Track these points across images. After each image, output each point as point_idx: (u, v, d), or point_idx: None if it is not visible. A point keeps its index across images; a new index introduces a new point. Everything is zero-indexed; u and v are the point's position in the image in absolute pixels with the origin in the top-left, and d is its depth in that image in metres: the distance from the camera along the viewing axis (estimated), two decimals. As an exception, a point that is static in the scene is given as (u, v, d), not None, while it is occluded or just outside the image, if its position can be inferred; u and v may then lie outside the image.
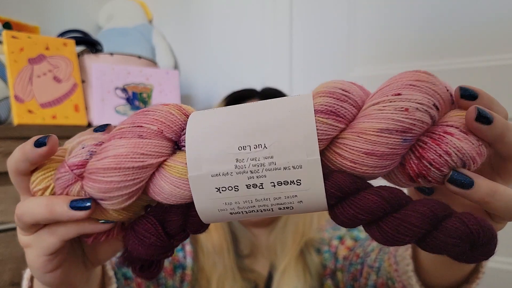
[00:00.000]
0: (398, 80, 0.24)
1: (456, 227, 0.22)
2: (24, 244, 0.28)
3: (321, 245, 0.68)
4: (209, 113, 0.26)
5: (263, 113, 0.24)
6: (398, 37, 0.82)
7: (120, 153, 0.24)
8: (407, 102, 0.23)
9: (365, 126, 0.23)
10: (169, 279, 0.61)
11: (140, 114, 0.26)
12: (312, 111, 0.24)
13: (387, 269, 0.47)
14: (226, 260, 0.64)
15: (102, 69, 0.86)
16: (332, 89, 0.24)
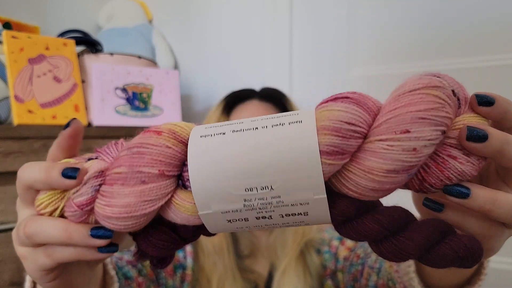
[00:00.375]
0: (406, 107, 0.22)
1: (446, 254, 0.24)
2: (20, 255, 0.28)
3: (321, 245, 0.68)
4: (210, 143, 0.25)
5: (267, 151, 0.24)
6: (398, 37, 0.82)
7: (128, 203, 0.24)
8: (416, 142, 0.22)
9: (371, 165, 0.23)
10: (170, 279, 0.61)
11: (136, 154, 0.25)
12: (318, 154, 0.23)
13: (388, 270, 0.47)
14: (226, 261, 0.64)
15: (102, 69, 0.86)
16: (337, 125, 0.23)
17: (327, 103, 0.24)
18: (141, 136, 0.25)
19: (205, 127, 0.26)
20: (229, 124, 0.25)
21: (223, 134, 0.25)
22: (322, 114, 0.24)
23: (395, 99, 0.23)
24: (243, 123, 0.25)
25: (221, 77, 1.09)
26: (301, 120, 0.24)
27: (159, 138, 0.25)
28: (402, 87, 0.24)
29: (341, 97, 0.24)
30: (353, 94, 0.24)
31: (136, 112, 0.91)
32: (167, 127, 0.26)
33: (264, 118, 0.25)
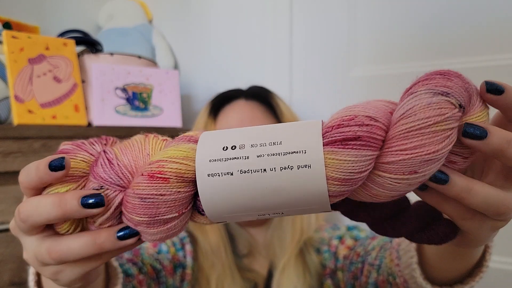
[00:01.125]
0: (416, 150, 0.23)
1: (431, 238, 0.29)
2: (52, 273, 0.28)
3: (321, 245, 0.68)
4: (218, 185, 0.25)
5: (277, 195, 0.25)
6: (398, 37, 0.82)
7: (159, 238, 0.27)
8: (422, 178, 0.24)
9: (378, 193, 0.25)
10: (170, 278, 0.61)
11: (151, 205, 0.25)
12: (327, 198, 0.25)
13: (388, 265, 0.47)
14: (224, 260, 0.64)
15: (102, 69, 0.86)
16: (347, 176, 0.24)
17: (337, 148, 0.24)
18: (149, 184, 0.25)
19: (208, 158, 0.26)
20: (234, 158, 0.25)
21: (231, 174, 0.25)
22: (331, 162, 0.24)
23: (404, 136, 0.23)
24: (248, 158, 0.25)
25: (221, 77, 1.09)
26: (310, 165, 0.24)
27: (168, 186, 0.25)
28: (411, 114, 0.23)
29: (351, 137, 0.23)
30: (363, 129, 0.24)
31: (136, 112, 0.91)
32: (172, 169, 0.25)
33: (270, 154, 0.25)
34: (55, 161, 0.25)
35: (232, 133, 0.27)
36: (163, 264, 0.60)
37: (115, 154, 0.27)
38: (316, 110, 0.91)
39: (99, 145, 0.29)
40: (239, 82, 0.78)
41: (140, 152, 0.28)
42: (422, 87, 0.24)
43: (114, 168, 0.26)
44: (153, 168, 0.25)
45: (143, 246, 0.62)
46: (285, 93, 0.93)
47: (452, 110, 0.23)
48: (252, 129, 0.27)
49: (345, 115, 0.25)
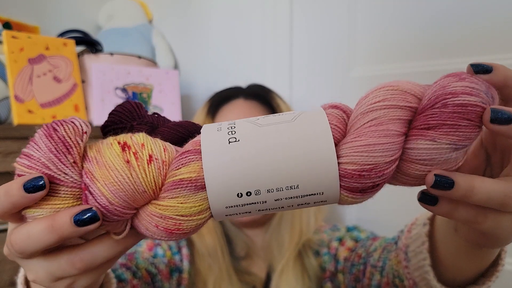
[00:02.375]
0: None
1: None
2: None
3: (320, 247, 0.67)
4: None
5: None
6: (398, 37, 0.82)
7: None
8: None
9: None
10: (166, 282, 0.60)
11: (171, 234, 0.26)
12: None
13: (394, 267, 0.46)
14: (221, 263, 0.63)
15: (102, 69, 0.86)
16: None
17: (354, 194, 0.26)
18: (169, 237, 0.26)
19: (225, 205, 0.26)
20: (251, 203, 0.26)
21: (249, 213, 0.27)
22: (346, 200, 0.27)
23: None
24: (266, 202, 0.26)
25: (221, 77, 1.09)
26: (326, 200, 0.27)
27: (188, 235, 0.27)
28: (428, 165, 0.26)
29: (370, 186, 0.26)
30: (381, 178, 0.25)
31: (136, 112, 0.91)
32: (190, 226, 0.26)
33: (288, 197, 0.26)
34: (30, 182, 0.23)
35: (246, 182, 0.25)
36: (159, 268, 0.59)
37: (105, 197, 0.24)
38: (316, 110, 0.91)
39: (67, 165, 0.24)
40: (239, 82, 0.78)
41: (135, 192, 0.25)
42: (444, 138, 0.25)
43: (113, 212, 0.25)
44: (169, 225, 0.25)
45: (138, 250, 0.61)
46: (285, 93, 0.93)
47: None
48: (263, 166, 0.25)
49: (366, 163, 0.25)
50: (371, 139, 0.24)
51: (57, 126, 0.25)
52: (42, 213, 0.24)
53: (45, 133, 0.24)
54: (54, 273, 0.26)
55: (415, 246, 0.41)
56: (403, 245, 0.44)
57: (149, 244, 0.63)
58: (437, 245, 0.39)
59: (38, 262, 0.26)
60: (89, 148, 0.25)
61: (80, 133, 0.25)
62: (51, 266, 0.26)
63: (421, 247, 0.40)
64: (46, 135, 0.24)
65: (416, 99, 0.26)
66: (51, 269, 0.26)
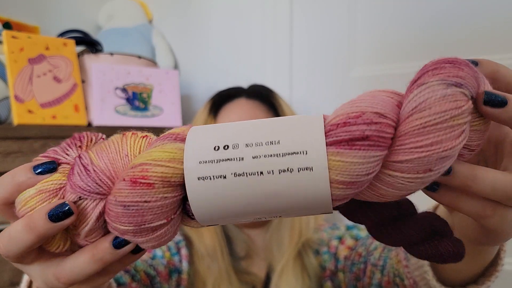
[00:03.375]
0: (432, 147, 0.21)
1: (428, 253, 0.26)
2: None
3: (320, 246, 0.67)
4: (210, 189, 0.23)
5: (276, 200, 0.23)
6: (398, 37, 0.82)
7: (152, 246, 0.25)
8: (435, 176, 0.22)
9: (387, 193, 0.23)
10: (165, 284, 0.60)
11: (135, 213, 0.23)
12: (330, 203, 0.23)
13: (395, 266, 0.46)
14: (221, 263, 0.63)
15: (102, 69, 0.86)
16: (354, 179, 0.22)
17: (342, 149, 0.22)
18: (131, 191, 0.23)
19: (198, 160, 0.23)
20: (227, 160, 0.23)
21: (224, 177, 0.22)
22: (336, 164, 0.22)
23: (419, 132, 0.21)
24: (243, 159, 0.22)
25: (221, 77, 1.09)
26: (312, 167, 0.22)
27: (153, 192, 0.23)
28: (425, 108, 0.21)
29: (359, 137, 0.21)
30: (371, 128, 0.21)
31: (136, 112, 0.91)
32: (157, 173, 0.23)
33: (267, 155, 0.22)
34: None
35: (224, 129, 0.24)
36: (158, 270, 0.59)
37: (90, 159, 0.24)
38: (316, 110, 0.91)
39: (73, 149, 0.26)
40: (239, 82, 0.78)
41: (118, 154, 0.25)
42: (433, 78, 0.22)
43: (91, 174, 0.24)
44: (136, 172, 0.23)
45: None
46: (285, 93, 0.93)
47: (467, 102, 0.21)
48: (246, 124, 0.24)
49: (351, 112, 0.22)
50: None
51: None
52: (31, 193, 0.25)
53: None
54: (48, 283, 0.26)
55: None
56: None
57: None
58: None
59: (35, 269, 0.26)
60: None
61: None
62: (44, 276, 0.26)
63: None
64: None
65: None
66: (44, 279, 0.26)
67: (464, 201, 0.25)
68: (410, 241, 0.26)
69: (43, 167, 0.25)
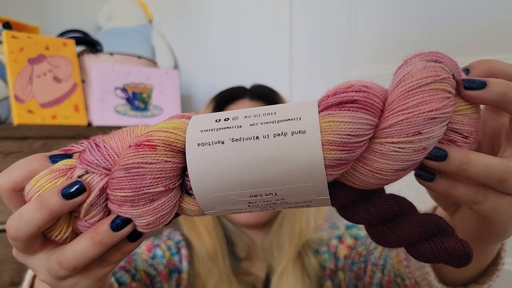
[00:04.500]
0: (418, 107, 0.22)
1: (426, 253, 0.26)
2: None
3: (320, 246, 0.67)
4: (209, 154, 0.24)
5: (271, 164, 0.23)
6: (398, 37, 0.82)
7: (147, 222, 0.25)
8: (427, 142, 0.23)
9: (381, 166, 0.24)
10: (165, 283, 0.60)
11: (135, 176, 0.24)
12: (323, 168, 0.23)
13: (396, 266, 0.46)
14: (221, 267, 0.63)
15: (102, 69, 0.86)
16: (344, 139, 0.23)
17: (333, 111, 0.23)
18: (135, 153, 0.24)
19: (200, 129, 0.25)
20: (226, 128, 0.24)
21: (222, 143, 0.24)
22: (327, 125, 0.23)
23: (404, 96, 0.23)
24: (241, 127, 0.24)
25: (221, 77, 1.09)
26: (305, 130, 0.23)
27: (155, 154, 0.24)
28: (409, 77, 0.23)
29: (347, 100, 0.23)
30: (359, 94, 0.23)
31: (136, 112, 0.91)
32: (160, 137, 0.24)
33: (264, 122, 0.24)
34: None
35: (226, 112, 0.26)
36: (158, 270, 0.59)
37: (102, 139, 0.26)
38: (316, 110, 0.91)
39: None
40: (239, 82, 0.78)
41: (129, 135, 0.26)
42: (415, 58, 0.25)
43: (101, 150, 0.25)
44: (141, 138, 0.25)
45: (137, 252, 0.60)
46: (285, 93, 0.93)
47: (446, 73, 0.23)
48: (248, 109, 0.26)
49: (341, 86, 0.24)
50: None
51: None
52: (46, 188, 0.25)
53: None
54: (51, 272, 0.26)
55: None
56: None
57: (148, 245, 0.63)
58: None
59: (39, 260, 0.26)
60: None
61: None
62: (48, 265, 0.26)
63: None
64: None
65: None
66: (48, 269, 0.26)
67: (456, 188, 0.26)
68: (413, 239, 0.26)
69: (59, 157, 0.25)
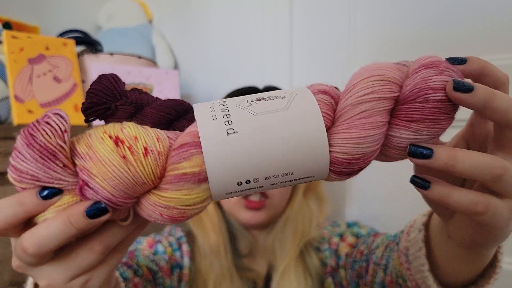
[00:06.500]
0: None
1: None
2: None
3: (321, 243, 0.68)
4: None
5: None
6: (398, 36, 0.82)
7: None
8: None
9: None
10: (167, 279, 0.61)
11: None
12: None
13: (397, 267, 0.46)
14: (224, 262, 0.63)
15: (102, 69, 0.86)
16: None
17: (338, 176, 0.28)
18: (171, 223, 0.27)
19: (225, 192, 0.27)
20: (249, 189, 0.27)
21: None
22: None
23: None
24: (262, 187, 0.27)
25: (221, 77, 1.09)
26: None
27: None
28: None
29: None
30: None
31: (136, 112, 0.91)
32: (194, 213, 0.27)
33: (283, 182, 0.28)
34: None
35: (240, 164, 0.26)
36: (160, 265, 0.60)
37: (98, 185, 0.24)
38: (316, 110, 0.91)
39: (59, 171, 0.24)
40: (239, 82, 0.78)
41: (135, 184, 0.25)
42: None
43: (114, 203, 0.25)
44: (175, 214, 0.26)
45: (138, 248, 0.61)
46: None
47: None
48: (264, 155, 0.26)
49: (356, 153, 0.27)
50: (362, 131, 0.26)
51: (34, 131, 0.23)
52: (49, 215, 0.25)
53: (25, 142, 0.23)
54: (71, 270, 0.26)
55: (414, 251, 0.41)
56: (404, 248, 0.44)
57: (149, 241, 0.64)
58: (433, 250, 0.39)
59: (49, 266, 0.26)
60: (77, 143, 0.25)
61: (61, 134, 0.24)
62: (67, 263, 0.26)
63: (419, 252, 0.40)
64: (27, 144, 0.23)
65: (399, 87, 0.27)
66: (68, 267, 0.26)
67: (456, 192, 0.26)
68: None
69: (48, 191, 0.25)
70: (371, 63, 0.29)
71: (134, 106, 0.28)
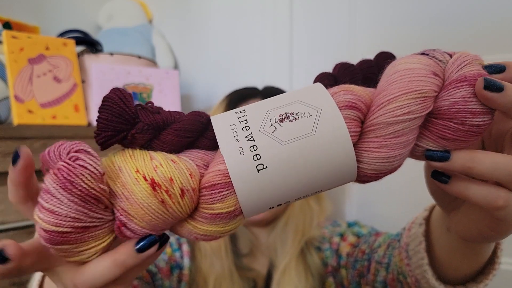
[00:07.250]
0: None
1: None
2: None
3: (322, 243, 0.68)
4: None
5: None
6: (398, 37, 0.82)
7: None
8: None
9: None
10: (166, 280, 0.60)
11: None
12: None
13: (398, 264, 0.47)
14: (224, 261, 0.63)
15: (102, 69, 0.86)
16: None
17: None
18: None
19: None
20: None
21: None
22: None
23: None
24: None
25: (221, 77, 1.09)
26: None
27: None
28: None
29: None
30: None
31: (136, 112, 0.91)
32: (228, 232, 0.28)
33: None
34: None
35: (272, 194, 0.27)
36: (159, 267, 0.60)
37: (145, 229, 0.25)
38: (316, 110, 0.91)
39: (99, 212, 0.24)
40: (239, 82, 0.78)
41: (173, 220, 0.26)
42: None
43: (134, 231, 0.26)
44: (209, 238, 0.28)
45: None
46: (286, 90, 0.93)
47: None
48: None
49: (385, 170, 0.28)
50: (393, 151, 0.26)
51: (72, 177, 0.22)
52: (89, 255, 0.25)
53: (61, 185, 0.22)
54: None
55: (414, 245, 0.42)
56: (404, 244, 0.44)
57: None
58: (433, 244, 0.39)
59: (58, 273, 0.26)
60: (111, 181, 0.25)
61: (100, 177, 0.23)
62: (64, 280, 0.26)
63: (419, 246, 0.41)
64: (63, 188, 0.22)
65: (434, 98, 0.26)
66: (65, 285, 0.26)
67: (475, 187, 0.26)
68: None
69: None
70: (408, 59, 0.28)
71: (152, 132, 0.27)
